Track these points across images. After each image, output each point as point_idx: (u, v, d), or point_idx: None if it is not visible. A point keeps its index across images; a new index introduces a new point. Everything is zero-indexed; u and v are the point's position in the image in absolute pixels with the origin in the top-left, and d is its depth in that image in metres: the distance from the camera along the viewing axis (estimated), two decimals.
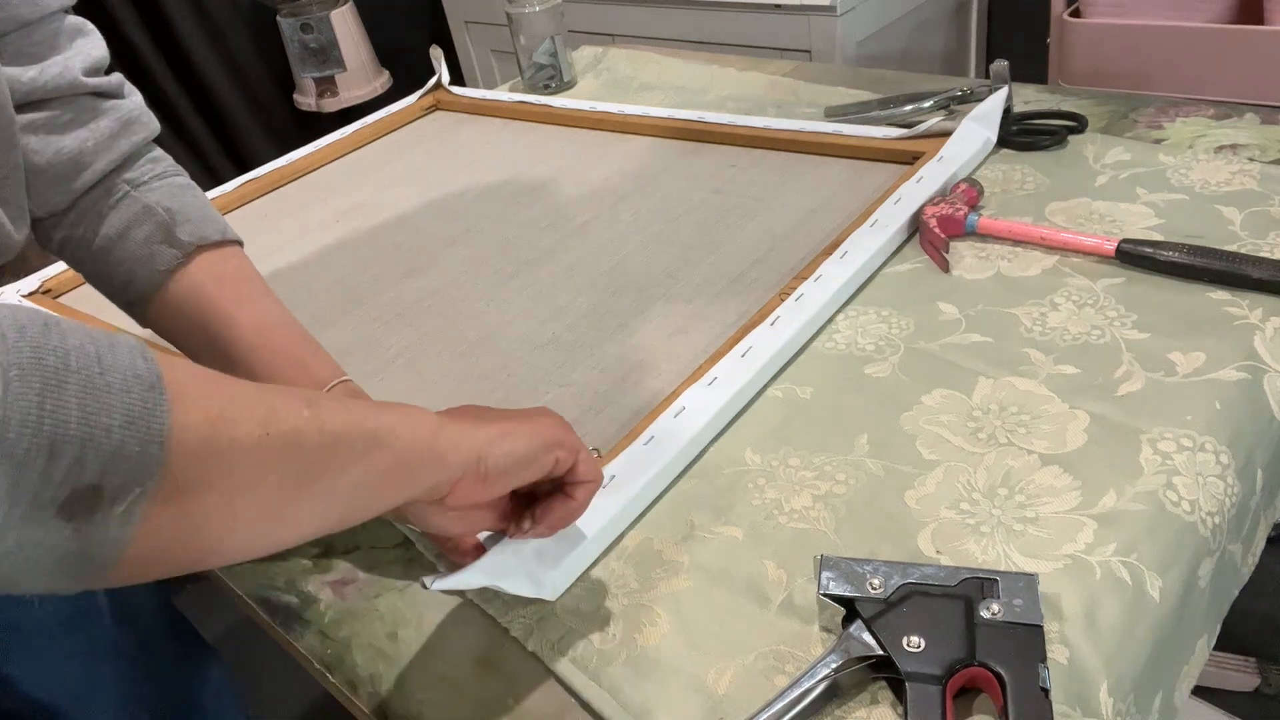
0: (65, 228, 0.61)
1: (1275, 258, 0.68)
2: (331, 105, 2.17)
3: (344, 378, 0.61)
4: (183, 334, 0.63)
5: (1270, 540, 0.62)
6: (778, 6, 1.64)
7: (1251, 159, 0.82)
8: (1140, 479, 0.55)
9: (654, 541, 0.58)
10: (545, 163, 1.09)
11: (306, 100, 2.20)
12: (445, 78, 1.32)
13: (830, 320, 0.73)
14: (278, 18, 2.10)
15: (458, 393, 0.74)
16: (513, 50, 1.30)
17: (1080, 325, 0.67)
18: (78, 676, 0.71)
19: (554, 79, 1.28)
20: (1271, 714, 1.14)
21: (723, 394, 0.64)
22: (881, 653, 0.46)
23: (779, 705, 0.45)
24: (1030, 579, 0.48)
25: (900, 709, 0.46)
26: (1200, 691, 1.14)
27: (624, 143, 1.10)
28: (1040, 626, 0.46)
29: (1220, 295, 0.67)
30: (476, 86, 2.27)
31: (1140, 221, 0.76)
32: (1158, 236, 0.74)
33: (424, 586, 0.49)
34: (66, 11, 0.58)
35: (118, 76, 0.62)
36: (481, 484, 0.46)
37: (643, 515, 0.59)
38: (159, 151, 0.65)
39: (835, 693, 0.47)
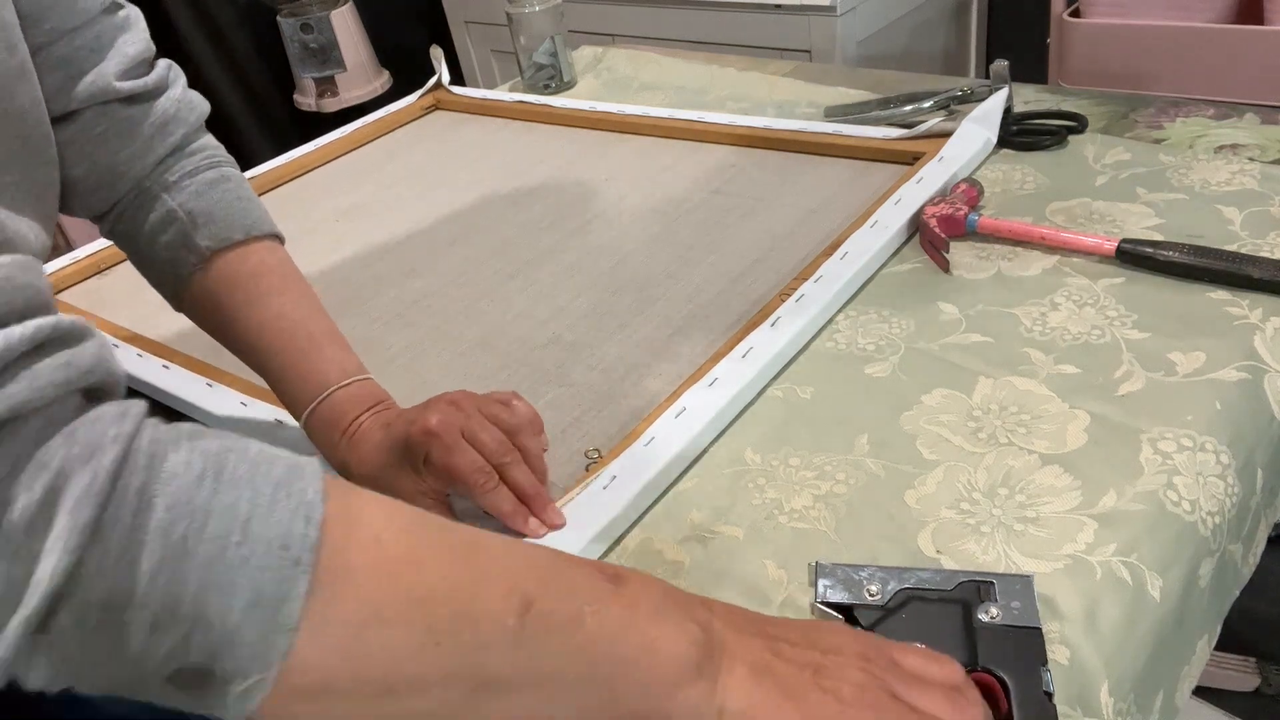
0: (108, 224, 0.62)
1: (1275, 258, 0.68)
2: (331, 105, 2.17)
3: (348, 380, 0.60)
4: (209, 331, 0.64)
5: (1270, 540, 0.62)
6: (778, 6, 1.64)
7: (1251, 159, 0.82)
8: (1140, 479, 0.55)
9: (654, 541, 0.58)
10: (545, 163, 1.09)
11: (306, 100, 2.20)
12: (445, 77, 1.32)
13: (831, 320, 0.73)
14: (278, 18, 2.10)
15: None
16: (513, 50, 1.30)
17: (1080, 325, 0.67)
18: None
19: (554, 79, 1.28)
20: (1271, 714, 1.14)
21: (723, 395, 0.64)
22: None
23: None
24: (1026, 580, 0.48)
25: None
26: (1200, 691, 1.14)
27: (624, 143, 1.10)
28: (1039, 629, 0.46)
29: (1220, 295, 0.67)
30: (476, 86, 2.27)
31: (1140, 221, 0.76)
32: (1158, 236, 0.74)
33: None
34: (110, 9, 0.56)
35: (159, 70, 0.60)
36: None
37: (643, 515, 0.59)
38: (199, 142, 0.63)
39: None
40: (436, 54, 1.32)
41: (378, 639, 0.29)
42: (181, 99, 0.62)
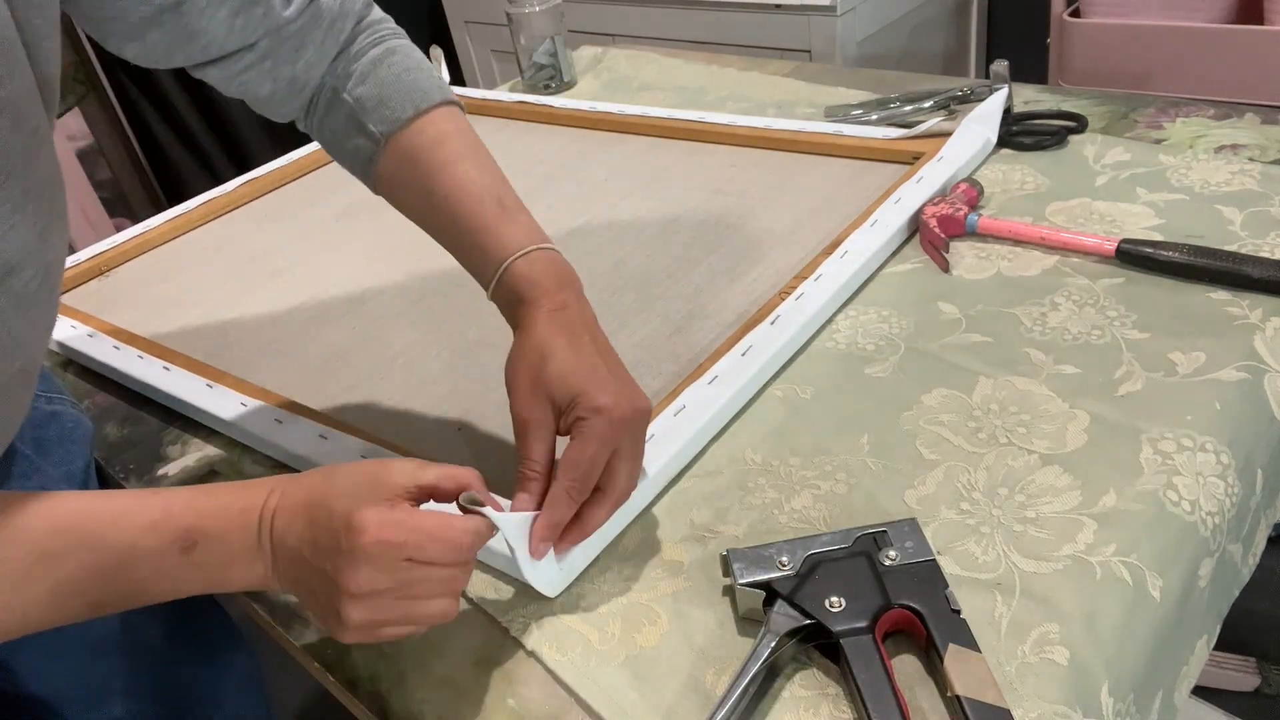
0: (311, 128, 0.65)
1: (1275, 258, 0.68)
2: None
3: (530, 248, 0.59)
4: (407, 214, 0.65)
5: (1270, 540, 0.62)
6: (778, 6, 1.64)
7: (1251, 159, 0.82)
8: (1140, 479, 0.55)
9: (654, 541, 0.58)
10: (545, 163, 1.09)
11: None
12: (445, 78, 1.32)
13: (830, 320, 0.73)
14: None
15: (457, 392, 0.74)
16: (513, 50, 1.30)
17: (1080, 325, 0.67)
18: (76, 669, 0.70)
19: (554, 79, 1.28)
20: (1271, 714, 1.14)
21: (723, 392, 0.64)
22: (809, 621, 0.48)
23: (732, 699, 0.46)
24: (912, 522, 0.52)
25: (836, 669, 0.48)
26: (1200, 691, 1.14)
27: (624, 143, 1.10)
28: (934, 559, 0.50)
29: (1220, 295, 0.67)
30: (476, 86, 2.27)
31: (1140, 221, 0.76)
32: (1158, 236, 0.74)
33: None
34: None
35: None
36: None
37: (642, 515, 0.59)
38: (367, 19, 0.64)
39: (775, 672, 0.48)
40: (436, 54, 1.32)
41: None
42: None
